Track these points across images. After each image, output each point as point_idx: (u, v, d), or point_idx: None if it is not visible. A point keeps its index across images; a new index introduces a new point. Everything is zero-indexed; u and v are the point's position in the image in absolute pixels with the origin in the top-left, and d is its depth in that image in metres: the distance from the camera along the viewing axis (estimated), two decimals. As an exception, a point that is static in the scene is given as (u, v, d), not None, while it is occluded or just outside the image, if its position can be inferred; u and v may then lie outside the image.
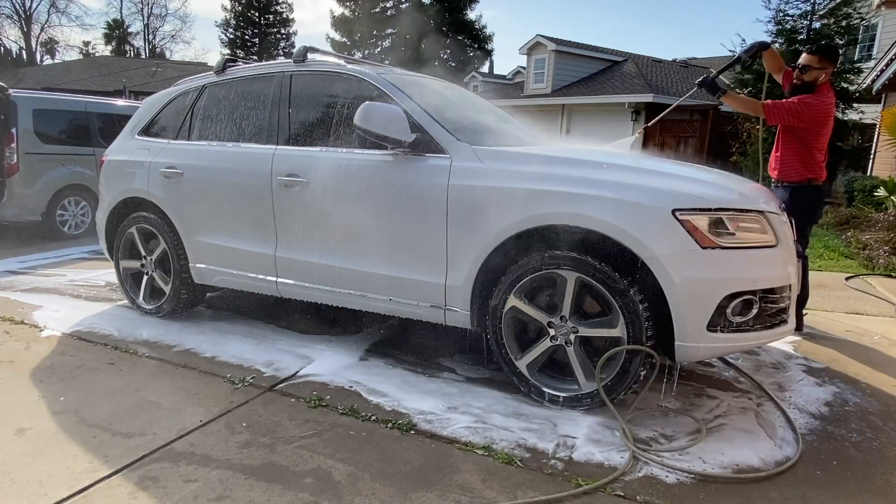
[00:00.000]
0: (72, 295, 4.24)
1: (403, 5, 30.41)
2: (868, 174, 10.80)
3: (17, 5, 34.98)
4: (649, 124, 4.27)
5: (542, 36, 19.65)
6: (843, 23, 11.34)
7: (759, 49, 3.68)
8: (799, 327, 3.73)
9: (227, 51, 39.04)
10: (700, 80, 3.65)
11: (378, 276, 2.89)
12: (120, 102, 7.81)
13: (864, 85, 11.02)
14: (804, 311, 3.76)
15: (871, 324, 4.00)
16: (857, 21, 11.42)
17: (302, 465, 2.08)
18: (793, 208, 3.56)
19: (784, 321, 2.47)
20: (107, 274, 4.78)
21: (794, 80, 3.59)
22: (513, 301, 2.59)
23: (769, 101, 3.56)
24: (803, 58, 3.54)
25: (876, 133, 10.90)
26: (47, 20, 36.99)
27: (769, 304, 2.38)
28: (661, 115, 4.25)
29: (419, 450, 2.20)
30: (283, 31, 41.12)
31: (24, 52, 36.51)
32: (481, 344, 2.76)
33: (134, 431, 2.29)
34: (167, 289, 3.70)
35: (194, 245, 3.54)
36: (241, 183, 3.30)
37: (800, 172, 3.56)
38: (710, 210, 2.30)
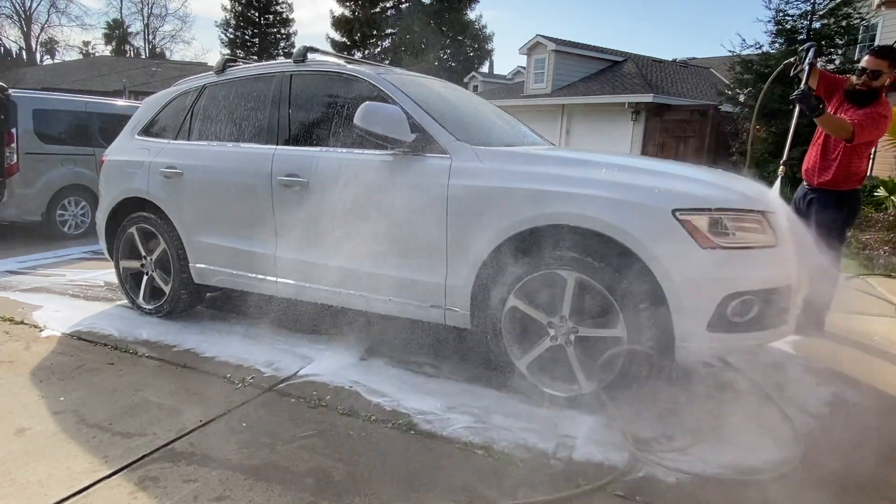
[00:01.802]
0: (72, 295, 4.24)
1: (403, 5, 30.40)
2: (868, 174, 10.80)
3: (17, 5, 34.99)
4: (785, 157, 3.62)
5: (542, 36, 19.64)
6: (843, 23, 11.33)
7: (818, 52, 3.52)
8: (821, 330, 3.68)
9: (227, 51, 39.04)
10: (799, 94, 3.28)
11: (378, 276, 2.89)
12: (120, 102, 7.81)
13: (864, 85, 10.99)
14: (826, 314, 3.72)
15: (871, 324, 4.00)
16: (857, 21, 11.40)
17: (302, 465, 2.08)
18: (841, 212, 3.50)
19: (784, 321, 2.47)
20: (106, 274, 4.78)
21: (858, 86, 3.40)
22: (513, 301, 2.59)
23: (855, 121, 3.31)
24: (871, 62, 3.33)
25: (876, 133, 10.88)
26: (47, 20, 37.00)
27: (769, 304, 2.38)
28: (790, 139, 3.64)
29: (419, 450, 2.20)
30: (283, 31, 41.10)
31: (24, 52, 36.52)
32: (481, 344, 2.76)
33: (134, 431, 2.29)
34: (167, 289, 3.69)
35: (194, 245, 3.54)
36: (241, 183, 3.30)
37: (849, 181, 3.49)
38: (709, 210, 2.30)
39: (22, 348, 3.16)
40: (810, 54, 3.47)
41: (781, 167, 3.60)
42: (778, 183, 3.41)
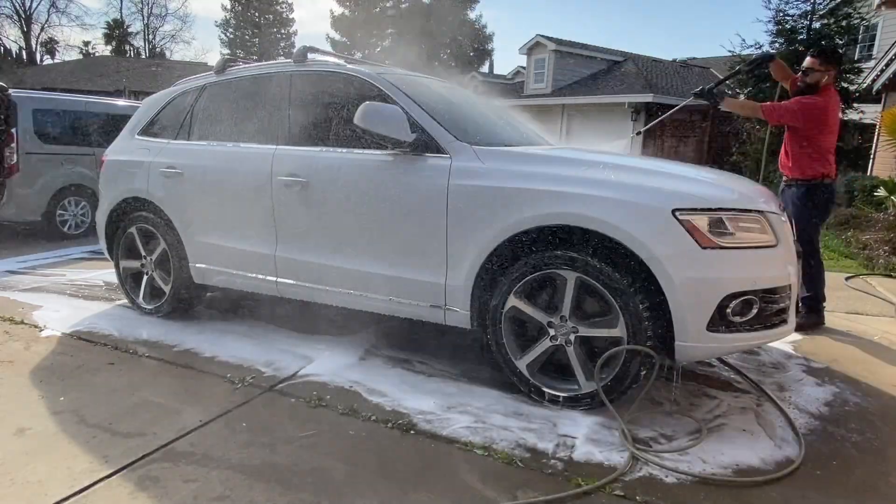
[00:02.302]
0: (72, 295, 4.24)
1: (403, 5, 30.41)
2: (868, 174, 10.79)
3: (17, 5, 34.94)
4: (647, 127, 4.31)
5: (542, 36, 19.65)
6: (843, 23, 11.33)
7: (761, 61, 3.82)
8: (821, 322, 3.82)
9: (227, 51, 39.09)
10: (697, 90, 3.75)
11: (378, 275, 2.89)
12: (120, 102, 7.81)
13: (864, 85, 11.01)
14: (823, 305, 3.84)
15: (871, 324, 4.00)
16: (857, 21, 11.40)
17: (302, 465, 2.08)
18: (808, 205, 3.65)
19: (784, 321, 2.46)
20: (106, 274, 4.78)
21: (798, 84, 3.68)
22: (513, 301, 2.59)
23: (766, 102, 3.67)
24: (806, 61, 3.62)
25: (876, 133, 10.90)
26: (47, 20, 36.90)
27: (769, 304, 2.37)
28: (657, 120, 4.33)
29: (419, 450, 2.20)
30: (283, 31, 41.17)
31: (24, 52, 36.48)
32: (481, 344, 2.76)
33: (134, 431, 2.29)
34: (167, 289, 3.69)
35: (194, 245, 3.54)
36: (241, 183, 3.30)
37: (813, 170, 3.64)
38: (710, 210, 2.30)
39: (22, 348, 3.16)
40: (753, 61, 3.87)
41: (636, 133, 4.15)
42: (627, 141, 3.93)
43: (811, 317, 3.78)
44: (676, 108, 4.20)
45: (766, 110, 3.61)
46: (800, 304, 3.76)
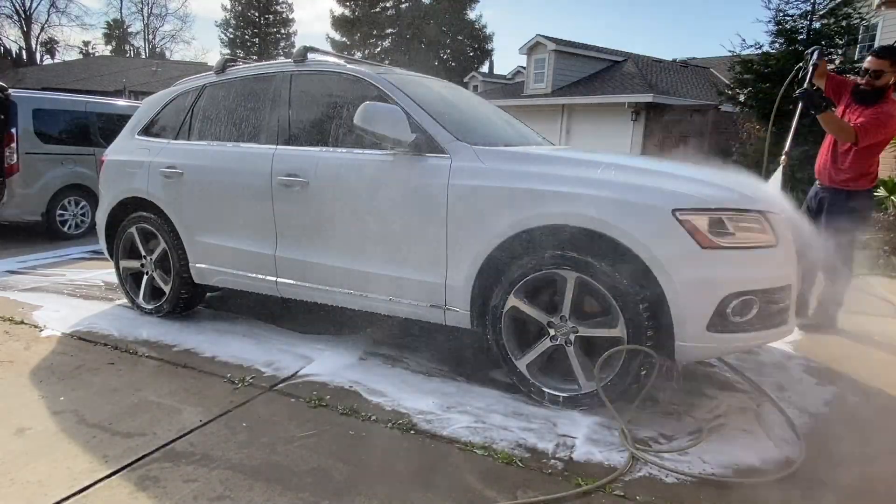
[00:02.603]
0: (72, 295, 4.24)
1: (403, 5, 30.41)
2: (868, 174, 10.78)
3: (17, 5, 34.95)
4: (789, 140, 3.75)
5: (542, 36, 19.64)
6: (843, 23, 11.31)
7: (822, 54, 3.63)
8: (833, 326, 3.76)
9: (227, 51, 39.10)
10: (800, 92, 3.46)
11: (378, 275, 2.89)
12: (120, 102, 7.81)
13: (864, 85, 10.99)
14: (840, 309, 3.77)
15: (871, 324, 4.00)
16: (857, 21, 11.39)
17: (302, 465, 2.08)
18: (849, 212, 3.56)
19: (784, 321, 2.46)
20: (106, 274, 4.78)
21: (863, 86, 3.50)
22: (513, 301, 2.59)
23: (858, 124, 3.44)
24: (873, 62, 3.43)
25: (876, 133, 10.88)
26: (47, 20, 36.91)
27: (769, 304, 2.37)
28: (794, 127, 3.77)
29: (419, 450, 2.20)
30: (283, 31, 41.20)
31: (24, 52, 36.48)
32: (481, 344, 2.76)
33: (134, 431, 2.29)
34: (167, 289, 3.69)
35: (194, 245, 3.54)
36: (241, 183, 3.30)
37: (861, 181, 3.57)
38: (710, 210, 2.30)
39: (22, 348, 3.16)
40: (815, 56, 3.57)
41: (784, 156, 3.67)
42: (779, 173, 3.47)
43: (825, 320, 3.76)
44: (798, 112, 3.68)
45: (861, 134, 3.40)
46: (816, 304, 3.76)
